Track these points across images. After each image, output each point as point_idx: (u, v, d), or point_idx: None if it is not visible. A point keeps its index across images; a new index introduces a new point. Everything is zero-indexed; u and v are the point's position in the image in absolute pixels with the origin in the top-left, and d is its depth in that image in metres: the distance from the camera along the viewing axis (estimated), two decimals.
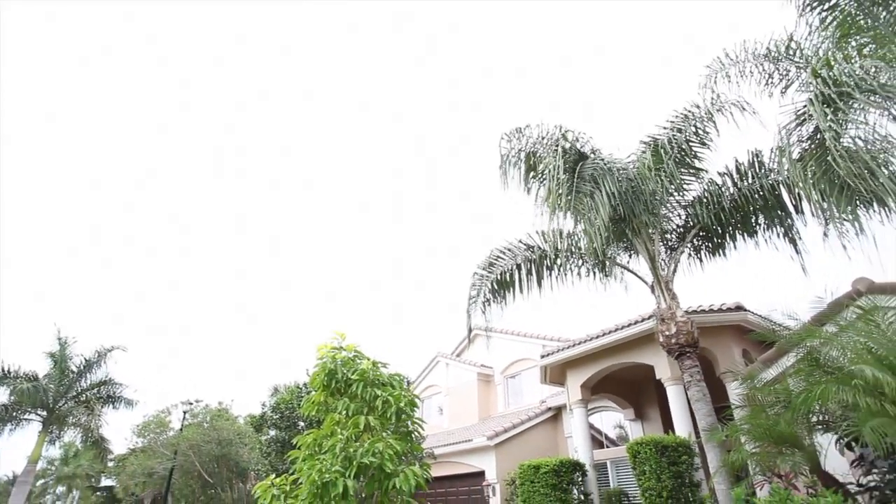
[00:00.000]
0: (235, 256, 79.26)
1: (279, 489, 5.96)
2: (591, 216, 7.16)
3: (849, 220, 5.81)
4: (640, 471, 8.32)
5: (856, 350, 4.97)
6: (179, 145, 63.96)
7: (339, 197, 76.13)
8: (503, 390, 18.82)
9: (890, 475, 5.31)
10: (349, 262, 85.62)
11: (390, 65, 58.60)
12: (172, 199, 67.29)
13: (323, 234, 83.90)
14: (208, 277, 78.61)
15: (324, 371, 6.55)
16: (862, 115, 6.29)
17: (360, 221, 79.38)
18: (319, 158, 76.76)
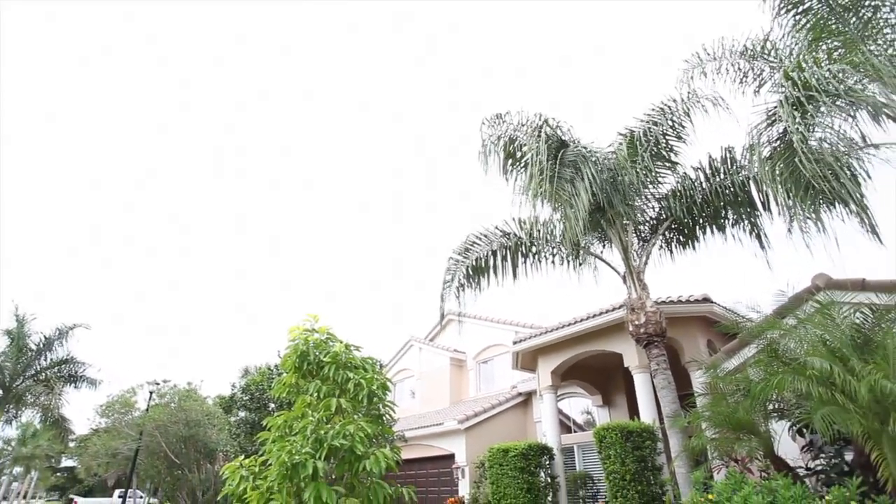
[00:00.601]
0: (235, 256, 77.80)
1: (248, 470, 5.92)
2: (572, 201, 7.23)
3: (811, 218, 6.03)
4: (605, 455, 8.57)
5: (812, 342, 5.19)
6: (179, 145, 61.93)
7: (339, 197, 75.23)
8: (475, 375, 19.05)
9: (835, 459, 5.63)
10: (349, 262, 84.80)
11: (390, 65, 57.68)
12: (172, 198, 65.30)
13: (323, 233, 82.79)
14: (208, 277, 76.94)
15: (295, 353, 6.50)
16: (829, 118, 6.51)
17: (359, 221, 78.62)
18: (319, 158, 75.41)
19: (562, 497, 10.29)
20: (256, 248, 79.35)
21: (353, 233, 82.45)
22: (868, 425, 4.31)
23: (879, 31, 6.99)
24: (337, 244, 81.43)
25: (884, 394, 4.16)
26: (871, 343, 4.92)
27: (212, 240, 77.01)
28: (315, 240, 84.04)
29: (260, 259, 79.44)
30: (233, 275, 79.59)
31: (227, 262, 78.60)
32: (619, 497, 8.12)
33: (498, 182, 8.68)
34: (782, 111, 5.91)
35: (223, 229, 78.52)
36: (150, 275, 73.72)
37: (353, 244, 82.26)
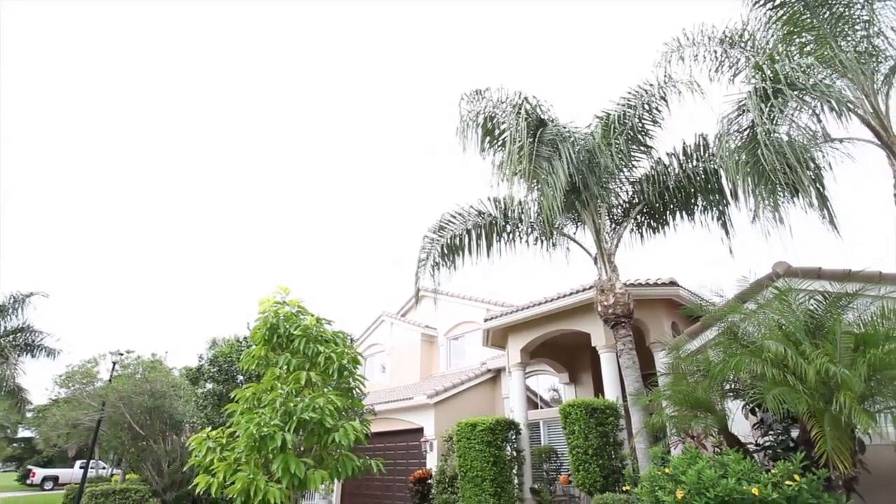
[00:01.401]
0: (203, 226, 74.87)
1: (215, 442, 5.89)
2: (549, 179, 7.27)
3: (770, 208, 6.24)
4: (569, 430, 8.86)
5: (769, 326, 5.43)
6: (149, 104, 58.27)
7: (317, 170, 72.86)
8: (446, 351, 19.28)
9: (782, 436, 5.97)
10: (322, 236, 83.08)
11: (369, 37, 55.34)
12: (139, 163, 62.03)
13: (297, 207, 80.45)
14: (175, 247, 74.12)
15: (265, 325, 6.42)
16: (796, 112, 6.70)
17: (335, 195, 76.59)
18: (295, 130, 72.79)
19: (526, 470, 10.63)
20: (226, 218, 77.28)
21: (328, 207, 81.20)
22: (813, 405, 4.56)
23: (851, 28, 7.15)
24: (310, 218, 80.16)
25: (829, 376, 4.40)
26: (822, 328, 5.19)
27: (179, 208, 74.52)
28: (288, 213, 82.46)
29: (229, 230, 77.54)
30: (200, 245, 77.50)
31: (194, 231, 76.40)
32: (582, 470, 8.45)
33: (475, 160, 8.64)
34: (750, 102, 6.04)
35: (192, 197, 75.87)
36: (112, 244, 71.12)
37: (327, 218, 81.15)
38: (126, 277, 72.73)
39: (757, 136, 5.87)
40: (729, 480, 4.29)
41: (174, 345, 67.92)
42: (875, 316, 4.98)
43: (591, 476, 8.30)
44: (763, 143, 5.80)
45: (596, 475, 8.27)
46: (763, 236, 6.54)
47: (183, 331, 63.20)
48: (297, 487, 5.63)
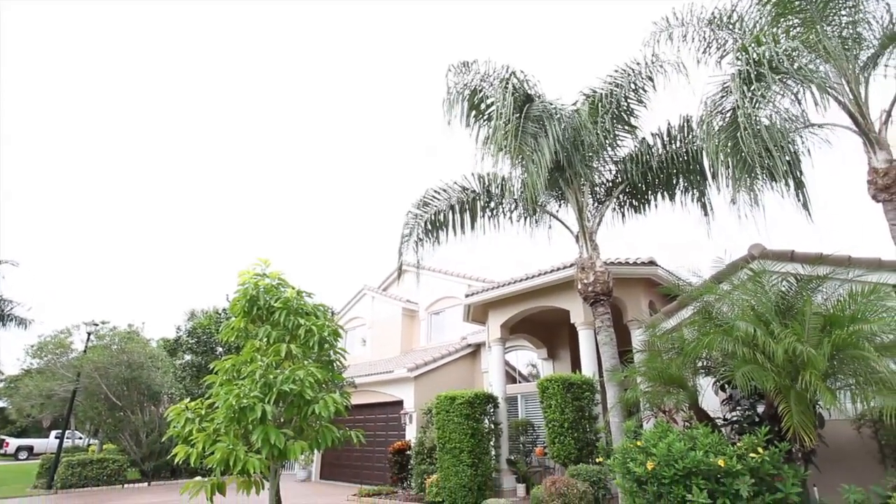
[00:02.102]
0: (181, 196, 72.48)
1: (194, 413, 5.87)
2: (534, 156, 7.24)
3: (747, 190, 6.34)
4: (546, 404, 9.08)
5: (742, 307, 5.58)
6: (132, 73, 55.27)
7: (301, 143, 70.61)
8: (426, 326, 19.43)
9: (749, 412, 6.21)
10: (303, 209, 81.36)
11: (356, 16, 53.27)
12: (117, 129, 59.19)
13: (279, 179, 78.38)
14: (152, 217, 71.77)
15: (245, 297, 6.34)
16: (779, 95, 6.75)
17: (319, 168, 74.61)
18: (279, 101, 70.40)
19: (504, 442, 10.90)
20: (206, 189, 75.29)
21: (310, 179, 79.79)
22: (780, 382, 4.74)
23: (837, 13, 7.17)
24: (292, 190, 78.67)
25: (796, 355, 4.57)
26: (792, 309, 5.35)
27: (157, 176, 72.27)
28: (269, 185, 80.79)
29: (209, 201, 75.65)
30: (178, 215, 75.68)
31: (172, 201, 74.39)
32: (557, 443, 8.70)
33: (461, 134, 8.53)
34: (734, 84, 6.07)
35: (171, 166, 73.63)
36: (86, 212, 68.90)
37: (309, 190, 79.79)
38: (100, 247, 70.82)
39: (738, 119, 5.92)
40: (697, 453, 4.46)
41: (151, 316, 67.00)
42: (842, 298, 5.15)
43: (566, 448, 8.56)
44: (743, 127, 5.86)
45: (571, 447, 8.53)
46: (740, 219, 6.67)
47: (159, 302, 62.12)
48: (277, 458, 5.67)
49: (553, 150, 7.34)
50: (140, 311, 64.52)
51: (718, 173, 6.52)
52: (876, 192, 5.94)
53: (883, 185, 5.87)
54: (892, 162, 5.92)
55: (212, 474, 5.63)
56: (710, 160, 6.60)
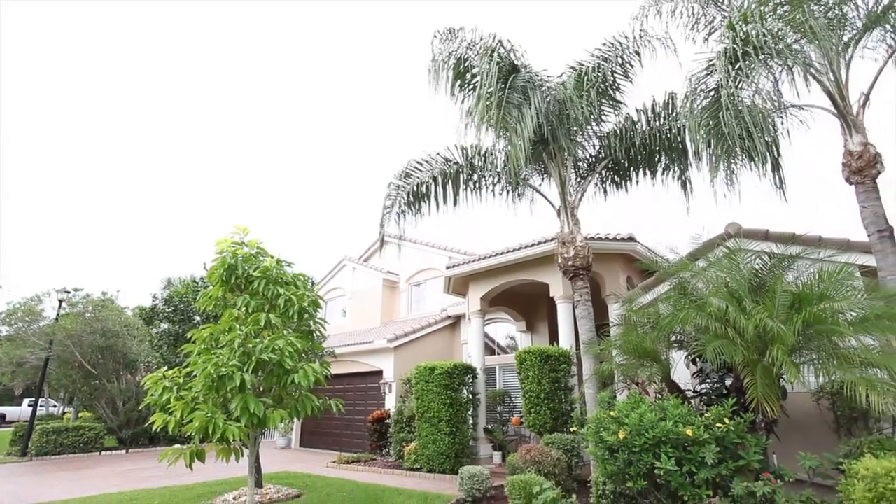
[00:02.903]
0: (156, 161, 69.53)
1: (171, 381, 5.83)
2: (517, 128, 7.17)
3: (726, 170, 6.43)
4: (524, 375, 9.28)
5: (716, 283, 5.72)
6: (115, 31, 51.82)
7: (283, 111, 67.91)
8: (407, 297, 19.51)
9: (717, 384, 6.45)
10: (285, 179, 79.20)
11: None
12: (92, 86, 55.72)
13: (260, 148, 75.84)
14: (126, 183, 68.79)
15: (223, 266, 6.24)
16: (762, 76, 6.77)
17: (301, 137, 72.16)
18: (263, 65, 67.23)
19: (481, 412, 11.15)
20: (183, 154, 72.79)
21: (292, 149, 77.86)
22: (748, 356, 4.92)
23: None
24: (273, 160, 76.77)
25: (766, 330, 4.72)
26: (764, 286, 5.51)
27: (132, 141, 69.51)
28: (250, 153, 78.40)
29: (185, 167, 73.33)
30: (153, 181, 73.31)
31: (147, 166, 71.89)
32: (533, 413, 8.93)
33: (445, 103, 8.38)
34: (719, 63, 6.07)
35: (144, 130, 70.86)
36: (57, 176, 66.19)
37: (291, 160, 78.00)
38: (73, 213, 68.43)
39: (721, 98, 5.94)
40: (667, 423, 4.63)
41: (125, 284, 65.67)
42: (812, 277, 5.31)
43: (542, 418, 8.80)
44: (726, 107, 5.90)
45: (546, 417, 8.78)
46: (718, 198, 6.77)
47: (134, 270, 60.83)
48: (257, 426, 5.71)
49: (537, 122, 7.27)
50: (114, 280, 63.22)
51: (700, 151, 6.55)
52: (849, 175, 6.06)
53: (856, 167, 5.99)
54: (866, 145, 6.03)
55: (191, 442, 5.64)
56: (691, 138, 6.63)
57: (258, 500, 7.71)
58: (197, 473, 9.90)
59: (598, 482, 5.50)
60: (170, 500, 8.12)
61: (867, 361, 4.61)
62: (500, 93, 7.34)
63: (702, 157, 6.55)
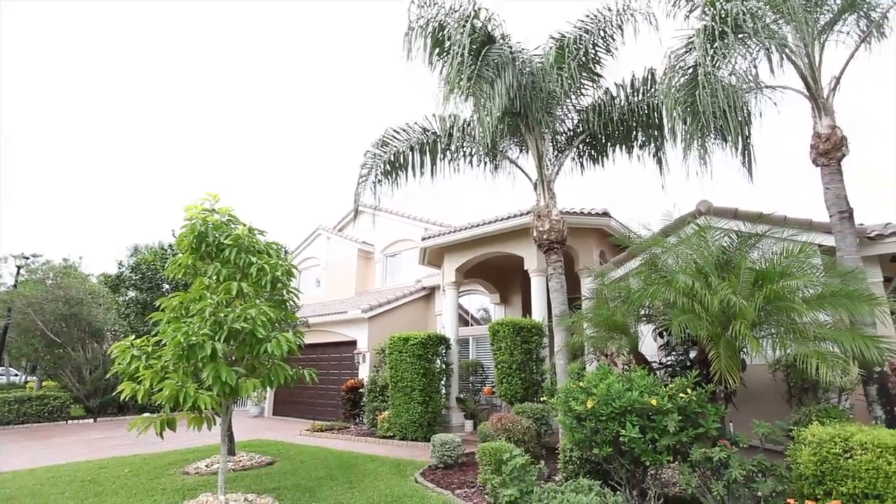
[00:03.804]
0: (123, 123, 65.52)
1: (140, 350, 5.70)
2: (487, 104, 7.08)
3: (700, 148, 6.53)
4: (497, 346, 9.45)
5: (685, 259, 5.88)
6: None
7: (259, 75, 64.45)
8: (382, 268, 19.46)
9: (682, 357, 6.71)
10: (259, 145, 76.23)
11: None
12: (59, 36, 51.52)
13: (234, 113, 72.44)
14: (89, 146, 64.79)
15: (193, 233, 6.05)
16: (740, 55, 6.83)
17: (276, 103, 69.02)
18: (243, 28, 63.38)
19: (454, 381, 11.36)
20: (151, 117, 69.25)
21: (266, 116, 75.16)
22: (713, 330, 5.10)
23: None
24: (246, 127, 73.93)
25: (729, 306, 4.90)
26: (730, 263, 5.69)
27: (94, 101, 65.69)
28: (222, 119, 75.25)
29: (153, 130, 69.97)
30: (118, 145, 69.90)
31: (110, 129, 68.35)
32: (505, 383, 9.15)
33: (423, 72, 8.18)
34: (697, 41, 6.09)
35: (110, 90, 66.97)
36: (19, 137, 62.34)
37: (264, 128, 75.40)
38: (32, 176, 64.96)
39: (698, 77, 5.98)
40: (633, 393, 4.80)
41: (87, 251, 63.29)
42: (776, 255, 5.51)
43: (513, 388, 9.03)
44: (702, 85, 5.96)
45: (517, 387, 9.01)
46: (691, 175, 6.88)
47: (97, 237, 58.60)
48: (229, 395, 5.67)
49: (510, 96, 7.19)
50: (75, 246, 60.80)
51: (675, 128, 6.61)
52: (817, 157, 6.22)
53: (824, 149, 6.15)
54: (834, 128, 6.18)
55: (161, 411, 5.58)
56: (667, 115, 6.67)
57: (231, 468, 7.75)
58: (168, 442, 9.84)
59: (566, 449, 5.71)
60: (141, 467, 8.09)
61: (820, 336, 4.85)
62: (472, 66, 7.21)
63: (677, 135, 6.60)
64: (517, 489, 5.05)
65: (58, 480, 7.20)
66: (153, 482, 7.01)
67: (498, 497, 5.24)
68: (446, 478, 6.82)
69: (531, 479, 5.18)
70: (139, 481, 7.06)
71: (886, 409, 5.26)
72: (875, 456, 3.64)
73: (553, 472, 6.35)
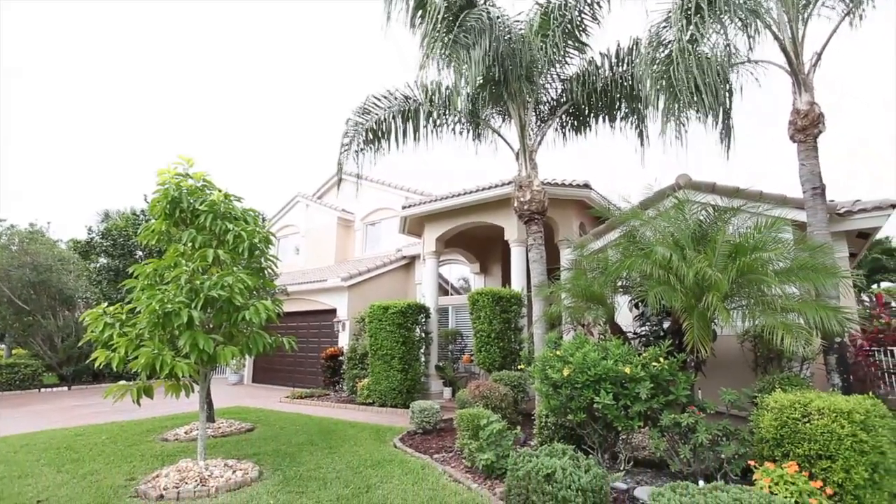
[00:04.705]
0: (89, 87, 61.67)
1: (113, 317, 5.58)
2: (463, 71, 6.94)
3: (676, 122, 6.57)
4: (476, 316, 9.56)
5: (663, 232, 5.96)
6: None
7: (238, 38, 60.99)
8: (362, 236, 19.33)
9: (656, 327, 6.90)
10: (236, 111, 73.01)
11: None
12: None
13: (211, 75, 68.89)
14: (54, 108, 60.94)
15: (166, 198, 5.87)
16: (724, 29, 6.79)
17: (256, 67, 65.87)
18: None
19: (433, 350, 11.50)
20: (122, 80, 65.73)
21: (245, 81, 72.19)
22: (687, 302, 5.23)
23: None
24: (224, 92, 70.98)
25: (704, 278, 5.02)
26: (706, 237, 5.79)
27: (57, 59, 61.91)
28: (200, 84, 71.93)
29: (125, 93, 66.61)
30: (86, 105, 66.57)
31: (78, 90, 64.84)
32: (483, 351, 9.30)
33: (405, 37, 7.91)
34: (674, 16, 6.06)
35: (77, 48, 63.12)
36: None
37: (243, 93, 72.55)
38: None
39: (673, 52, 6.01)
40: (608, 362, 4.94)
41: (55, 216, 61.07)
42: (750, 229, 5.63)
43: (492, 356, 9.20)
44: (676, 62, 5.98)
45: (496, 356, 9.18)
46: (670, 149, 6.93)
47: (64, 202, 56.46)
48: (207, 363, 5.63)
49: (486, 63, 7.04)
50: (43, 211, 58.57)
51: (652, 102, 6.61)
52: (794, 133, 6.29)
53: (801, 125, 6.22)
54: (812, 104, 6.24)
55: (137, 378, 5.52)
56: (642, 89, 6.65)
57: (210, 434, 7.78)
58: (145, 409, 9.82)
59: (542, 415, 5.88)
60: (118, 434, 8.06)
61: (787, 308, 5.03)
62: (449, 32, 7.01)
63: (658, 108, 6.60)
64: (493, 454, 5.21)
65: (32, 448, 7.14)
66: (131, 448, 7.00)
67: (475, 461, 5.40)
68: (425, 443, 6.98)
69: (507, 444, 5.34)
70: (117, 448, 7.05)
71: (843, 378, 5.54)
72: (830, 420, 3.84)
73: (529, 437, 6.56)
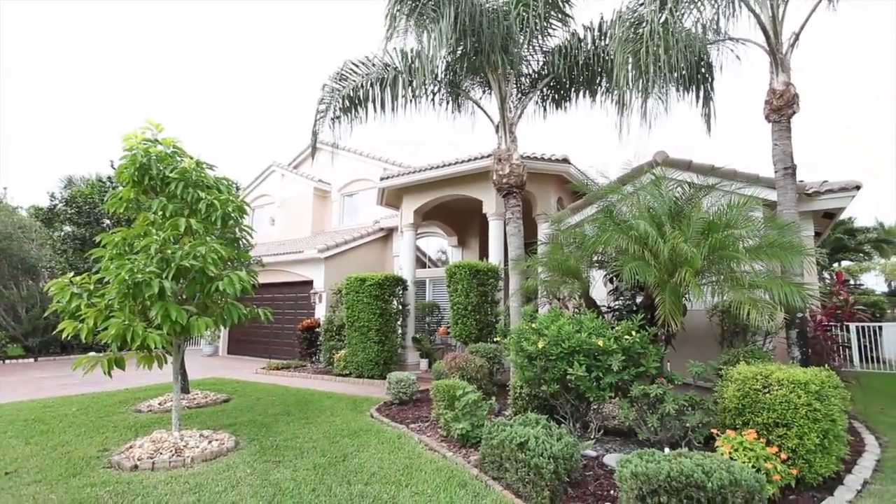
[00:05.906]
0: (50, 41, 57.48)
1: (80, 287, 5.40)
2: (430, 43, 6.78)
3: (641, 95, 6.63)
4: (453, 288, 9.62)
5: (640, 208, 6.04)
6: None
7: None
8: (339, 207, 19.07)
9: (629, 301, 7.06)
10: (210, 77, 69.61)
11: None
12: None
13: (186, 39, 65.04)
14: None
15: (134, 164, 5.63)
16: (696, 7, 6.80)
17: (229, 31, 62.56)
18: None
19: (410, 322, 11.56)
20: (88, 38, 61.60)
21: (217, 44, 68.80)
22: (660, 277, 5.36)
23: None
24: (196, 55, 67.45)
25: (678, 254, 5.13)
26: (682, 213, 5.90)
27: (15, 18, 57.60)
28: (170, 46, 68.07)
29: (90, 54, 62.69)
30: (48, 67, 62.55)
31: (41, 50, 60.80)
32: (460, 324, 9.40)
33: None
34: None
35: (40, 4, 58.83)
36: None
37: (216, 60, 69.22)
38: None
39: (643, 30, 6.05)
40: (582, 334, 5.05)
41: (13, 181, 58.13)
42: (723, 206, 5.75)
43: (468, 328, 9.31)
44: (647, 37, 5.99)
45: (472, 328, 9.29)
46: (644, 126, 7.01)
47: (24, 166, 53.65)
48: (180, 334, 5.53)
49: (456, 33, 6.90)
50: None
51: (622, 78, 6.63)
52: (770, 112, 6.38)
53: (776, 105, 6.31)
54: (788, 85, 6.32)
55: (108, 350, 5.40)
56: (637, 62, 6.62)
57: (185, 406, 7.73)
58: (117, 381, 9.67)
59: (516, 386, 6.01)
60: (89, 406, 7.93)
61: (754, 284, 5.20)
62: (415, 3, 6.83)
63: (621, 83, 6.63)
64: (469, 423, 5.32)
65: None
66: (103, 420, 6.91)
67: (450, 431, 5.51)
68: (401, 413, 7.09)
69: (482, 414, 5.46)
70: (88, 419, 6.94)
71: (803, 351, 5.81)
72: (788, 391, 4.04)
73: (503, 407, 6.72)
